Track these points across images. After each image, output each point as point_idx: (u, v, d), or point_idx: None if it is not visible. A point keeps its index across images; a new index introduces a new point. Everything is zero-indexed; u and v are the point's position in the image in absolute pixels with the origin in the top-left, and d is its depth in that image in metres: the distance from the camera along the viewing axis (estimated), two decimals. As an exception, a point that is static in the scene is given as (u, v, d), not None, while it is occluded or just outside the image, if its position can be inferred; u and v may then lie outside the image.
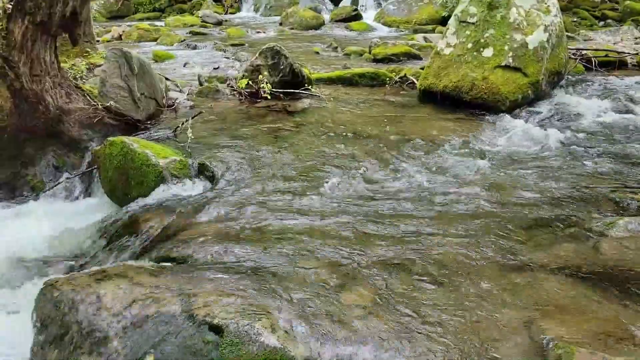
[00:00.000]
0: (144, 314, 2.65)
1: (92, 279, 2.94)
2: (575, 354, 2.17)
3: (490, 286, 2.82)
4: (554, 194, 3.85)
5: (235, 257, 3.11)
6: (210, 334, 2.51)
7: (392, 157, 4.62)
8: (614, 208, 3.60)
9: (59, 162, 4.76)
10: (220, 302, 2.67)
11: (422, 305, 2.67)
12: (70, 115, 4.98)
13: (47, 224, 4.06)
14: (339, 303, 2.70)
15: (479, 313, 2.60)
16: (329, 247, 3.17)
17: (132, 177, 4.22)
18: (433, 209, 3.68)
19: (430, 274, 2.93)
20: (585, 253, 3.07)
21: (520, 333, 2.45)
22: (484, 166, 4.46)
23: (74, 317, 2.71)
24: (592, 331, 2.42)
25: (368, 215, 3.57)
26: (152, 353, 2.53)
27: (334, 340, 2.45)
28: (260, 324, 2.49)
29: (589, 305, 2.64)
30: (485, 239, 3.28)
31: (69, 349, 2.62)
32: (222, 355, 2.40)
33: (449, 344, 2.41)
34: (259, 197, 3.86)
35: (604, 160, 4.52)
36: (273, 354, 2.36)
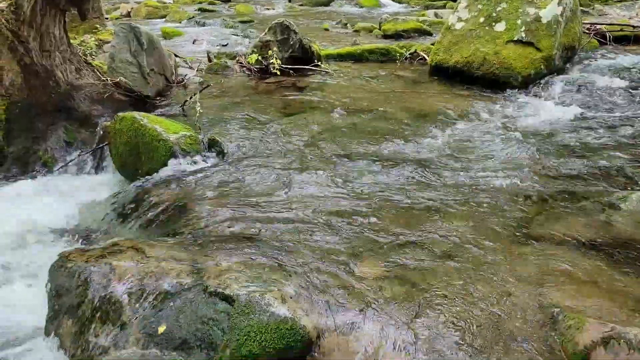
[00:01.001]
0: (156, 285, 2.68)
1: (105, 251, 2.97)
2: (585, 324, 2.17)
3: (501, 259, 2.81)
4: (566, 168, 3.82)
5: (245, 229, 3.13)
6: (222, 304, 2.53)
7: (402, 133, 4.59)
8: (627, 182, 3.57)
9: (69, 138, 4.78)
10: (232, 273, 2.69)
11: (433, 277, 2.68)
12: (80, 90, 4.98)
13: (60, 199, 4.09)
14: (349, 274, 2.71)
15: (489, 285, 2.60)
16: (339, 220, 3.17)
17: (143, 153, 4.23)
18: (443, 183, 3.67)
19: (441, 246, 2.93)
20: (597, 226, 3.05)
21: (531, 304, 2.46)
22: (495, 141, 4.43)
23: (87, 288, 2.74)
24: (603, 303, 2.42)
25: (378, 188, 3.56)
26: (164, 323, 2.57)
27: (344, 310, 2.47)
28: (271, 294, 2.51)
29: (600, 278, 2.63)
30: (496, 212, 3.27)
31: (83, 319, 2.66)
32: (234, 325, 2.43)
33: (458, 315, 2.42)
34: (269, 171, 3.86)
35: (616, 135, 4.46)
36: (284, 324, 2.38)
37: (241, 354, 2.35)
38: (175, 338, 2.50)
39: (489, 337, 2.30)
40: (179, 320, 2.55)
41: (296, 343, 2.36)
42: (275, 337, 2.36)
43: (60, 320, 2.73)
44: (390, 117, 4.94)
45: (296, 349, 2.36)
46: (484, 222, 3.19)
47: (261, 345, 2.36)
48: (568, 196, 3.41)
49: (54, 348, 2.65)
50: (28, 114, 4.74)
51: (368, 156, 4.11)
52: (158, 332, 2.53)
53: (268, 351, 2.35)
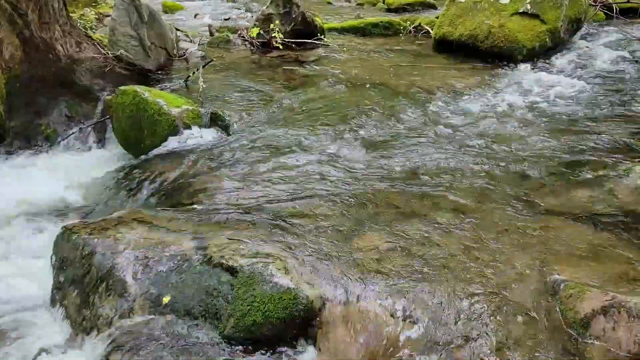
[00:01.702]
0: (160, 257, 2.70)
1: (108, 223, 2.99)
2: (585, 293, 2.18)
3: (504, 231, 2.81)
4: (571, 141, 3.80)
5: (248, 202, 3.13)
6: (225, 275, 2.55)
7: (405, 107, 4.56)
8: (631, 154, 3.55)
9: (71, 112, 4.76)
10: (235, 245, 2.71)
11: (435, 249, 2.68)
12: (80, 64, 4.95)
13: (63, 173, 4.10)
14: (351, 246, 2.72)
15: (491, 257, 2.61)
16: (342, 193, 3.17)
17: (145, 127, 4.21)
18: (447, 157, 3.65)
19: (444, 219, 2.93)
20: (600, 198, 3.04)
21: (532, 275, 2.46)
22: (499, 114, 4.40)
23: (91, 259, 2.76)
24: (605, 273, 2.42)
25: (381, 162, 3.55)
26: (168, 294, 2.59)
27: (347, 281, 2.48)
28: (273, 265, 2.53)
29: (602, 249, 2.63)
30: (499, 185, 3.26)
31: (88, 289, 2.68)
32: (237, 295, 2.45)
33: (460, 286, 2.43)
34: (272, 144, 3.85)
35: (621, 108, 4.42)
36: (287, 294, 2.40)
37: (245, 324, 2.38)
38: (179, 308, 2.53)
39: (490, 306, 2.31)
40: (183, 291, 2.57)
41: (299, 313, 2.38)
42: (279, 307, 2.38)
43: (65, 291, 2.76)
44: (393, 91, 4.90)
45: (299, 318, 2.39)
46: (487, 195, 3.18)
47: (265, 315, 2.38)
48: (571, 168, 3.40)
49: (59, 318, 2.69)
50: (29, 88, 4.71)
51: (371, 130, 4.09)
52: (162, 302, 2.55)
53: (271, 321, 2.37)
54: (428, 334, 2.24)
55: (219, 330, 2.42)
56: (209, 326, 2.46)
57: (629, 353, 2.03)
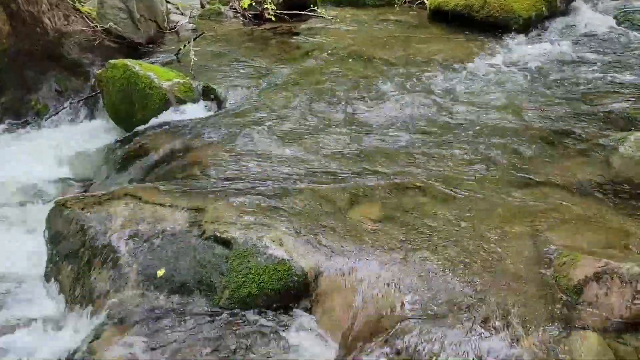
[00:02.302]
0: (153, 231, 2.69)
1: (101, 198, 2.97)
2: (579, 260, 2.18)
3: (499, 201, 2.81)
4: (566, 111, 3.78)
5: (241, 176, 3.11)
6: (220, 247, 2.55)
7: (400, 77, 4.50)
8: (626, 123, 3.54)
9: (61, 87, 4.70)
10: (228, 218, 2.70)
11: (430, 219, 2.68)
12: (69, 37, 4.86)
13: (54, 148, 4.06)
14: (346, 218, 2.72)
15: (486, 226, 2.61)
16: (336, 165, 3.16)
17: (136, 101, 4.16)
18: (442, 125, 3.63)
19: (439, 189, 2.92)
20: (595, 167, 3.04)
21: (527, 244, 2.47)
22: (495, 84, 4.36)
23: (85, 234, 2.75)
24: (598, 241, 2.43)
25: (376, 132, 3.53)
26: (163, 267, 2.59)
27: (341, 252, 2.48)
28: (268, 237, 2.52)
29: (596, 218, 2.64)
30: (494, 156, 3.25)
31: (82, 264, 2.68)
32: (232, 268, 2.45)
33: (455, 254, 2.43)
34: (265, 117, 3.81)
35: (617, 78, 4.39)
36: (281, 265, 2.40)
37: (240, 295, 2.39)
38: (174, 281, 2.53)
39: (484, 274, 2.32)
40: (177, 264, 2.57)
41: (294, 284, 2.39)
42: (273, 279, 2.39)
43: (60, 266, 2.75)
44: (388, 61, 4.85)
45: (294, 289, 2.39)
46: (482, 164, 3.18)
47: (259, 286, 2.38)
48: (567, 138, 3.39)
49: (54, 292, 2.69)
50: (17, 62, 4.64)
51: (366, 100, 4.05)
52: (157, 275, 2.55)
53: (266, 292, 2.38)
54: (422, 303, 2.25)
55: (213, 302, 2.42)
56: (203, 298, 2.46)
57: (621, 318, 2.04)
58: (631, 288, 2.05)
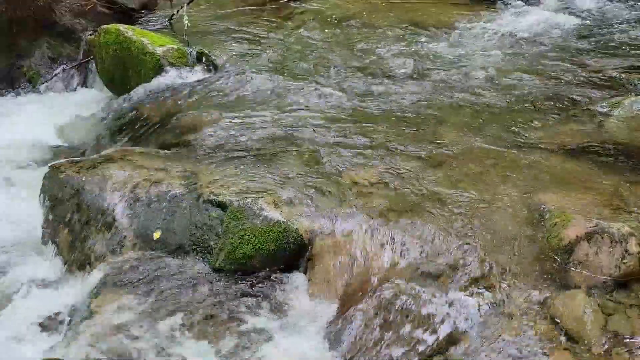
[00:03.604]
0: (149, 194, 2.70)
1: (96, 162, 2.97)
2: (570, 221, 2.21)
3: (492, 164, 2.83)
4: (562, 76, 3.77)
5: (236, 140, 3.11)
6: (216, 210, 2.57)
7: (395, 43, 4.44)
8: (621, 89, 3.54)
9: (54, 53, 4.64)
10: (224, 181, 2.71)
11: (423, 182, 2.70)
12: (60, 3, 4.78)
13: (47, 115, 4.04)
14: (341, 181, 2.73)
15: (479, 189, 2.63)
16: (331, 129, 3.15)
17: (130, 67, 4.13)
18: (435, 92, 3.61)
19: (433, 153, 2.93)
20: (589, 132, 3.06)
21: (519, 205, 2.50)
22: (489, 50, 4.32)
23: (81, 197, 2.76)
24: (590, 203, 2.46)
25: (370, 97, 3.51)
26: (159, 230, 2.61)
27: (336, 215, 2.51)
28: (263, 200, 2.54)
29: (589, 180, 2.66)
30: (489, 120, 3.25)
31: (78, 227, 2.69)
32: (228, 230, 2.47)
33: (448, 217, 2.46)
34: (259, 83, 3.77)
35: (613, 43, 4.37)
36: (276, 227, 2.42)
37: (236, 257, 2.41)
38: (170, 243, 2.55)
39: (475, 235, 2.35)
40: (173, 226, 2.59)
41: (289, 245, 2.42)
42: (269, 240, 2.41)
43: (56, 229, 2.77)
44: (383, 27, 4.79)
45: (289, 251, 2.42)
46: (476, 130, 3.18)
47: (255, 247, 2.41)
48: (561, 103, 3.39)
49: (50, 256, 2.71)
50: (8, 30, 4.57)
51: (361, 66, 4.02)
52: (153, 238, 2.58)
53: (262, 253, 2.41)
54: (415, 263, 2.28)
55: (210, 263, 2.46)
56: (200, 260, 2.49)
57: (610, 277, 2.08)
58: (621, 247, 2.08)
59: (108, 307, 2.27)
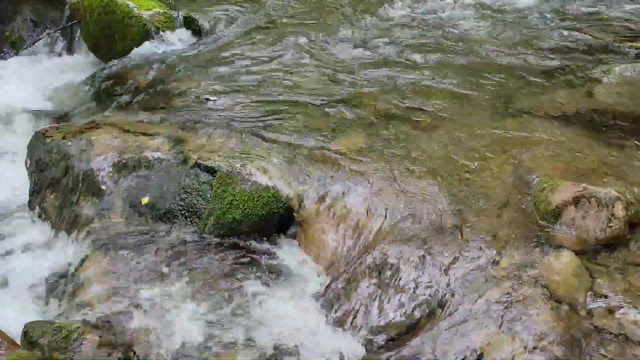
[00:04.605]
0: (136, 159, 2.68)
1: (82, 128, 2.93)
2: (558, 186, 2.23)
3: (482, 132, 2.82)
4: (550, 42, 3.73)
5: (224, 105, 3.08)
6: (204, 175, 2.56)
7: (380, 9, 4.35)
8: (612, 56, 3.52)
9: (37, 17, 4.52)
10: (212, 147, 2.69)
11: (413, 150, 2.69)
12: (43, -36, 4.64)
13: (32, 80, 3.96)
14: (330, 147, 2.72)
15: (469, 155, 2.63)
16: (320, 96, 3.12)
17: (115, 31, 4.04)
18: (424, 59, 3.57)
19: (422, 120, 2.92)
20: (579, 99, 3.05)
21: (508, 172, 2.50)
22: (476, 17, 4.25)
23: (67, 162, 2.73)
24: (579, 169, 2.47)
25: (358, 63, 3.47)
26: (147, 195, 2.59)
27: (325, 180, 2.50)
28: (252, 165, 2.53)
29: (577, 147, 2.67)
30: (479, 87, 3.23)
31: (66, 192, 2.67)
32: (217, 194, 2.46)
33: (437, 184, 2.46)
34: (247, 48, 3.71)
35: (605, 10, 4.33)
36: (266, 192, 2.42)
37: (225, 221, 2.41)
38: (159, 208, 2.54)
39: (465, 200, 2.36)
40: (162, 191, 2.58)
41: (278, 210, 2.42)
42: (258, 205, 2.41)
43: (43, 194, 2.74)
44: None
45: (279, 215, 2.43)
46: (465, 97, 3.16)
47: (244, 212, 2.41)
48: (551, 70, 3.37)
49: (38, 220, 2.69)
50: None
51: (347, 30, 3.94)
52: (142, 202, 2.56)
53: (251, 218, 2.41)
54: (403, 227, 2.30)
55: (199, 228, 2.45)
56: (189, 225, 2.49)
57: (596, 240, 2.11)
58: (607, 211, 2.10)
59: (97, 271, 2.27)
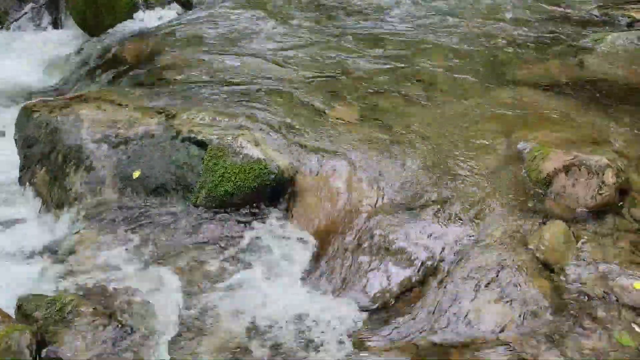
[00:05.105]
0: (127, 133, 2.65)
1: (70, 102, 2.89)
2: (549, 154, 2.23)
3: (474, 102, 2.82)
4: (542, 15, 3.72)
5: (214, 78, 3.05)
6: (195, 148, 2.53)
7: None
8: (604, 25, 3.51)
9: (21, -9, 4.44)
10: (203, 120, 2.66)
11: (405, 120, 2.69)
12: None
13: (17, 55, 3.92)
14: (323, 118, 2.71)
15: (461, 125, 2.63)
16: (312, 67, 3.10)
17: (102, 5, 3.98)
18: (416, 31, 3.55)
19: (416, 90, 2.91)
20: (570, 68, 3.05)
21: (500, 141, 2.51)
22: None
23: (56, 137, 2.70)
24: (570, 137, 2.48)
25: (351, 33, 3.44)
26: (138, 169, 2.57)
27: (317, 152, 2.49)
28: (243, 137, 2.51)
29: (569, 116, 2.67)
30: (471, 60, 3.22)
31: (56, 167, 2.64)
32: (208, 168, 2.44)
33: (430, 154, 2.46)
34: (237, 21, 3.67)
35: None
36: (257, 164, 2.40)
37: (217, 194, 2.40)
38: (150, 182, 2.53)
39: (457, 170, 2.37)
40: (153, 165, 2.55)
41: (270, 182, 2.41)
42: (250, 177, 2.40)
43: (33, 169, 2.72)
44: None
45: (270, 187, 2.41)
46: (458, 67, 3.15)
47: (236, 184, 2.40)
48: (543, 41, 3.36)
49: (30, 196, 2.67)
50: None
51: (338, 3, 3.92)
52: (133, 177, 2.54)
53: (243, 190, 2.40)
54: (395, 197, 2.30)
55: (191, 201, 2.44)
56: (181, 198, 2.48)
57: (586, 207, 2.12)
58: (598, 179, 2.11)
59: (89, 245, 2.26)
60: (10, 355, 1.69)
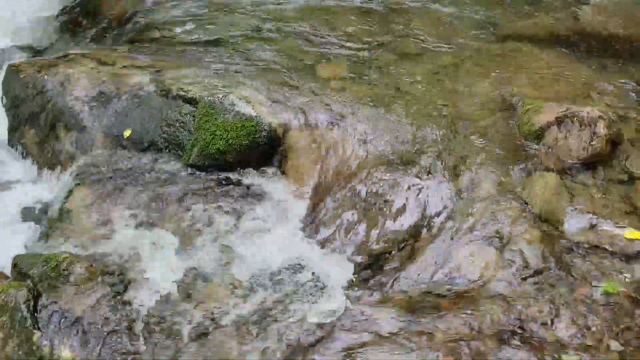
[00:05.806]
0: (117, 91, 2.62)
1: (57, 61, 2.84)
2: (542, 107, 2.23)
3: (467, 56, 2.80)
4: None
5: (204, 36, 2.99)
6: (186, 106, 2.51)
7: None
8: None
9: (0, -53, 4.27)
10: (193, 78, 2.63)
11: (398, 75, 2.67)
12: None
13: (0, 15, 3.79)
14: (313, 76, 2.68)
15: (453, 79, 2.62)
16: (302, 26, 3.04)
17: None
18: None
19: (407, 47, 2.88)
20: (565, 21, 3.01)
21: (493, 95, 2.50)
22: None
23: (44, 97, 2.66)
24: (563, 91, 2.48)
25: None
26: (129, 127, 2.55)
27: (309, 109, 2.47)
28: (234, 95, 2.48)
29: (563, 70, 2.67)
30: (464, 14, 3.16)
31: (45, 127, 2.61)
32: (199, 125, 2.43)
33: (421, 109, 2.46)
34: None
35: None
36: (249, 121, 2.39)
37: (209, 152, 2.39)
38: (142, 141, 2.51)
39: (450, 125, 2.37)
40: (144, 124, 2.53)
41: (262, 139, 2.40)
42: (242, 135, 2.38)
43: (22, 130, 2.69)
44: None
45: (263, 145, 2.40)
46: (450, 24, 3.11)
47: (228, 142, 2.38)
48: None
49: (19, 157, 2.65)
50: None
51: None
52: (124, 136, 2.52)
53: (235, 148, 2.38)
54: (387, 153, 2.30)
55: (183, 159, 2.43)
56: (172, 156, 2.46)
57: (577, 159, 2.13)
58: (590, 130, 2.12)
59: (82, 204, 2.26)
60: (8, 312, 1.71)
